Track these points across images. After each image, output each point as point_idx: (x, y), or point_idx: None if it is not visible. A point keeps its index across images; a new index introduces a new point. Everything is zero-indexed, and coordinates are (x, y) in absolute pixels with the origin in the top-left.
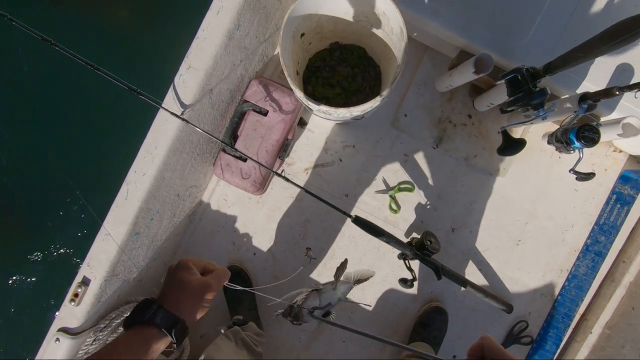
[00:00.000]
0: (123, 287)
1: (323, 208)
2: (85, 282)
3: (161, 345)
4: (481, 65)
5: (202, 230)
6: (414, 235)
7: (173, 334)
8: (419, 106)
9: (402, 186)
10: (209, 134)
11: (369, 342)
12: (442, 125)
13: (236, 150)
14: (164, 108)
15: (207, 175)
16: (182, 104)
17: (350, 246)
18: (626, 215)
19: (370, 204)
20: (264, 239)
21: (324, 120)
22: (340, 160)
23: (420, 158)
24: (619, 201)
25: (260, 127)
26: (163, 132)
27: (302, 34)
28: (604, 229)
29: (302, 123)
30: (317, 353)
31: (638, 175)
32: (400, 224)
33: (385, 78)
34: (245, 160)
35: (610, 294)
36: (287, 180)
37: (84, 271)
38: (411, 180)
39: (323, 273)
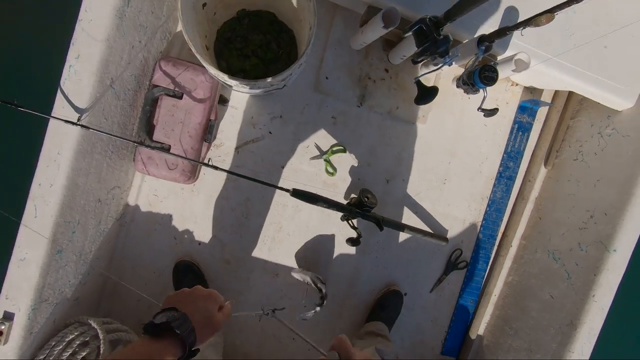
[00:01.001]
0: (58, 311)
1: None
2: (8, 316)
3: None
4: (389, 18)
5: (136, 231)
6: (353, 195)
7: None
8: (338, 67)
9: (334, 149)
10: (118, 137)
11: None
12: (362, 82)
13: (155, 142)
14: (55, 117)
15: (129, 172)
16: (76, 107)
17: (295, 215)
18: (527, 140)
19: (307, 171)
20: (206, 227)
21: (246, 95)
22: (270, 132)
23: (347, 118)
24: (520, 129)
25: (177, 111)
26: (63, 135)
27: (204, 4)
28: (511, 156)
29: (223, 100)
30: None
31: (532, 104)
32: (338, 186)
33: (300, 42)
34: (168, 150)
35: (522, 210)
36: (216, 168)
37: (2, 305)
38: (342, 142)
39: (273, 248)
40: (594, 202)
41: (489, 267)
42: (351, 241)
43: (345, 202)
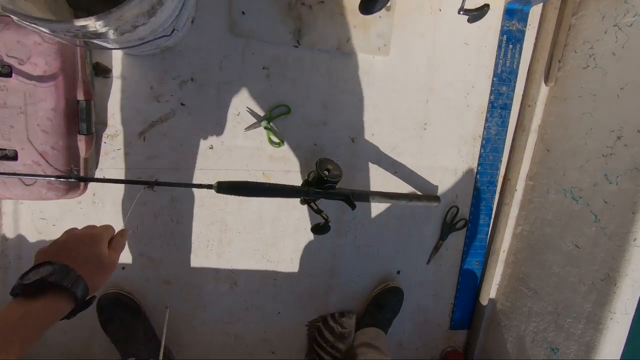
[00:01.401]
0: None
1: (186, 176)
2: None
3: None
4: None
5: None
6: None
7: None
8: None
9: (275, 111)
10: None
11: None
12: (294, 11)
13: None
14: None
15: None
16: None
17: (241, 207)
18: (520, 54)
19: (245, 146)
20: (126, 244)
21: (136, 58)
22: (182, 104)
23: (283, 66)
24: (510, 41)
25: (10, 96)
26: None
27: None
28: (502, 78)
29: (103, 71)
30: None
31: (521, 3)
32: (290, 159)
33: None
34: (15, 158)
35: (523, 145)
36: (82, 179)
37: None
38: (283, 100)
39: (222, 252)
40: (619, 118)
41: (492, 220)
42: (317, 229)
43: (301, 180)
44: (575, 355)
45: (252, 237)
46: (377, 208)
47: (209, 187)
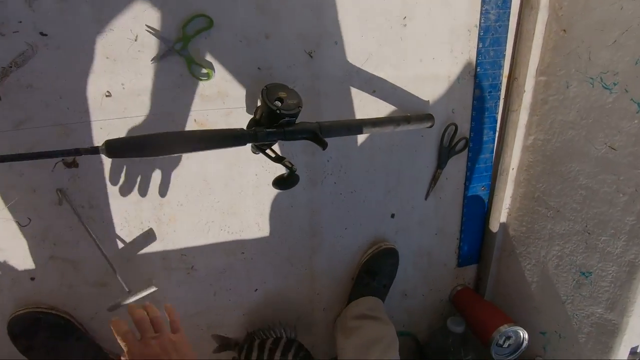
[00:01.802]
0: None
1: (80, 141)
2: None
3: None
4: None
5: None
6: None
7: None
8: None
9: (189, 27)
10: None
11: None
12: None
13: None
14: None
15: None
16: None
17: (175, 172)
18: None
19: (159, 85)
20: (23, 249)
21: None
22: (43, 34)
23: None
24: None
25: None
26: None
27: None
28: None
29: None
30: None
31: None
32: (229, 93)
33: None
34: None
35: (532, 28)
36: None
37: None
38: (200, 9)
39: (165, 232)
40: None
41: (497, 133)
42: (281, 183)
43: (246, 119)
44: (615, 277)
45: (200, 208)
46: (356, 142)
47: (93, 151)
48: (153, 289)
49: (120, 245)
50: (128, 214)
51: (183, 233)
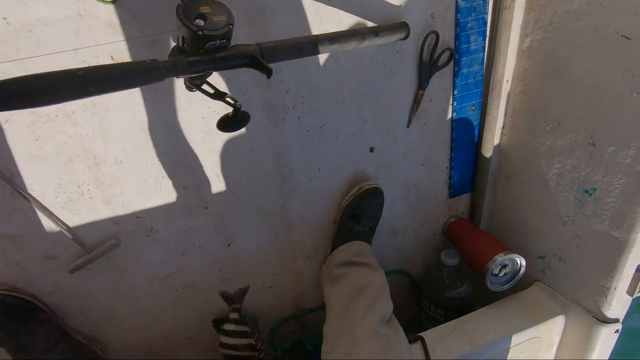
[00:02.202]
0: None
1: None
2: None
3: None
4: None
5: None
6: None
7: None
8: None
9: None
10: None
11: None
12: None
13: None
14: None
15: None
16: None
17: (103, 125)
18: None
19: (54, 15)
20: None
21: None
22: None
23: None
24: None
25: None
26: None
27: None
28: None
29: None
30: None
31: None
32: (146, 16)
33: None
34: None
35: None
36: None
37: None
38: None
39: (110, 195)
40: None
41: (488, 40)
42: (226, 124)
43: (168, 50)
44: (622, 191)
45: (144, 163)
46: (318, 66)
47: None
48: (112, 242)
49: (62, 214)
50: (60, 179)
51: (131, 193)
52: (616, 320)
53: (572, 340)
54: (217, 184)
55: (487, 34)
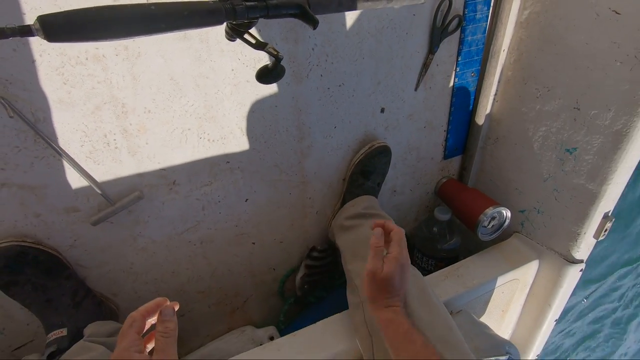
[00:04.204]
0: None
1: None
2: None
3: None
4: None
5: None
6: None
7: None
8: None
9: None
10: None
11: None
12: None
13: None
14: None
15: None
16: None
17: (134, 71)
18: None
19: None
20: None
21: None
22: None
23: None
24: None
25: None
26: None
27: None
28: None
29: None
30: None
31: None
32: None
33: None
34: None
35: None
36: None
37: None
38: None
39: (138, 150)
40: None
41: (492, 8)
42: (265, 74)
43: None
44: (599, 148)
45: (172, 114)
46: (343, 25)
47: (23, 32)
48: (136, 194)
49: (86, 164)
50: (86, 127)
51: (157, 145)
52: (581, 261)
53: (543, 281)
54: (240, 139)
55: (492, 4)
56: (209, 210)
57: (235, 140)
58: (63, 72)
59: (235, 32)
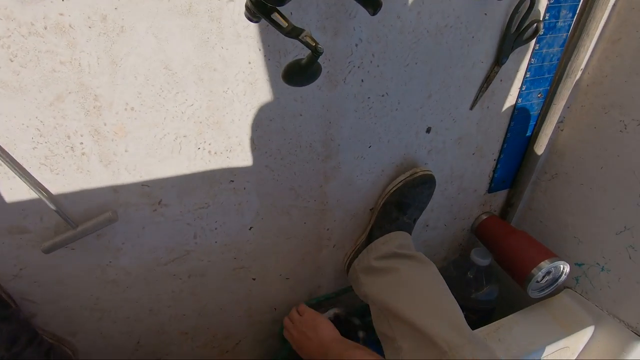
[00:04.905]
0: None
1: None
2: None
3: None
4: None
5: None
6: None
7: None
8: None
9: None
10: None
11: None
12: None
13: None
14: None
15: None
16: None
17: (114, 51)
18: None
19: None
20: None
21: None
22: None
23: None
24: None
25: None
26: None
27: None
28: None
29: None
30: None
31: None
32: None
33: None
34: None
35: None
36: None
37: None
38: None
39: (114, 159)
40: None
41: (577, 16)
42: (295, 73)
43: None
44: None
45: (164, 114)
46: (397, 18)
47: None
48: (107, 215)
49: (39, 173)
50: (42, 123)
51: (140, 153)
52: None
53: (598, 352)
54: (250, 153)
55: (577, 11)
56: (203, 239)
57: (243, 154)
58: (9, 43)
59: (259, 9)
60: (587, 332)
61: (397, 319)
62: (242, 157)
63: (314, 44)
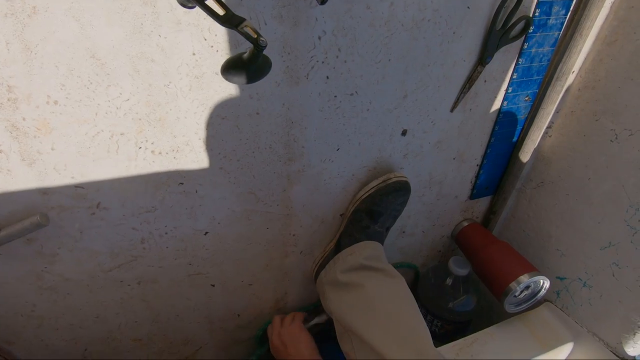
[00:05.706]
0: None
1: None
2: None
3: None
4: None
5: None
6: None
7: None
8: None
9: None
10: None
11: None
12: None
13: None
14: None
15: None
16: None
17: (26, 33)
18: None
19: None
20: None
21: None
22: None
23: None
24: None
25: None
26: None
27: None
28: None
29: None
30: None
31: None
32: None
33: None
34: None
35: None
36: None
37: None
38: None
39: (39, 158)
40: None
41: (570, 14)
42: (235, 69)
43: None
44: None
45: (95, 110)
46: (367, 8)
47: None
48: (35, 218)
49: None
50: None
51: (70, 152)
52: (633, 359)
53: None
54: (201, 154)
55: (571, 8)
56: (152, 244)
57: (193, 154)
58: None
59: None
60: (565, 349)
61: (361, 341)
62: (192, 158)
63: (255, 36)
